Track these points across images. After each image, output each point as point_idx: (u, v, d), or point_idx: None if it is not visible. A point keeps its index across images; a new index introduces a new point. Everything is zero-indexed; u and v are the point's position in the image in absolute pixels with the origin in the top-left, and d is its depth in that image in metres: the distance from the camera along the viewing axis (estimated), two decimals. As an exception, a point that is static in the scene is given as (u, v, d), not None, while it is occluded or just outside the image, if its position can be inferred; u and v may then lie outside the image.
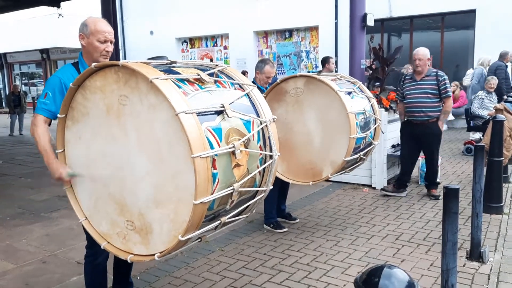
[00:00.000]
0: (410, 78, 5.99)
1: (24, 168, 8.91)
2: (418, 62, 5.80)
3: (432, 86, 5.78)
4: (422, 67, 5.81)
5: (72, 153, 2.65)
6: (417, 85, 5.85)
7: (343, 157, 4.31)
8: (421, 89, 5.82)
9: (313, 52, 17.10)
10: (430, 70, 5.86)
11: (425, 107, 5.80)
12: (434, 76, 5.81)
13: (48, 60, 27.72)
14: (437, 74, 5.82)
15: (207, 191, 2.16)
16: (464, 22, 14.45)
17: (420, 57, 5.78)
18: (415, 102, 5.84)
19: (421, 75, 5.86)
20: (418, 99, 5.82)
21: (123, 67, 2.24)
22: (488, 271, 3.85)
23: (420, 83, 5.84)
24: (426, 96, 5.78)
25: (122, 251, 2.55)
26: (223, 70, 2.65)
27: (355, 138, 4.28)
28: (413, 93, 5.87)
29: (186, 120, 2.08)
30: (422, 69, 5.83)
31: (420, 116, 5.85)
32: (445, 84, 5.76)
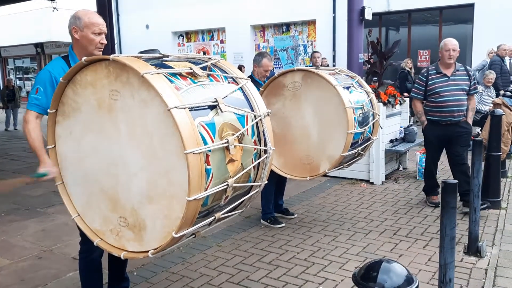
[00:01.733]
0: (439, 73, 5.16)
1: (19, 163, 8.87)
2: (453, 53, 5.03)
3: (465, 82, 5.13)
4: (455, 59, 5.11)
5: (63, 148, 2.61)
6: (451, 81, 5.09)
7: (341, 152, 4.28)
8: (456, 85, 5.09)
9: (310, 46, 17.04)
10: (457, 64, 5.18)
11: (462, 105, 5.11)
12: (465, 71, 5.19)
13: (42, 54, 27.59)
14: (467, 68, 5.24)
15: (200, 187, 2.13)
16: (462, 16, 14.41)
17: (455, 47, 5.03)
18: (453, 101, 5.05)
19: (451, 69, 5.13)
20: (455, 96, 5.06)
21: (113, 62, 2.20)
22: (486, 265, 3.85)
23: (454, 78, 5.10)
24: (462, 93, 5.10)
25: (116, 248, 2.52)
26: (216, 64, 2.60)
27: (352, 133, 4.24)
28: (447, 90, 5.07)
29: (178, 116, 2.04)
30: (453, 62, 5.13)
31: (458, 116, 5.11)
32: (475, 80, 5.28)
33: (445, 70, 5.12)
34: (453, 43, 5.02)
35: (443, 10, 14.42)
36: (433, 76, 5.16)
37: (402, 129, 7.26)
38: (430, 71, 5.22)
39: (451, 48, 5.00)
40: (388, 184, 6.56)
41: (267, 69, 4.77)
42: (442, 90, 5.07)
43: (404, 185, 6.48)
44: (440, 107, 5.11)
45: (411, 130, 7.25)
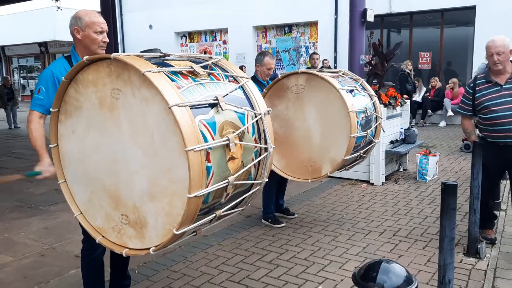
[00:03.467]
0: (489, 82, 4.08)
1: (22, 161, 8.91)
2: (498, 57, 3.95)
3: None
4: (505, 63, 3.99)
5: (65, 147, 2.64)
6: (504, 91, 3.99)
7: (343, 156, 4.29)
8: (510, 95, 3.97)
9: (312, 47, 17.06)
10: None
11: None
12: None
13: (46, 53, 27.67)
14: None
15: (201, 184, 2.15)
16: (464, 18, 14.41)
17: (501, 49, 3.95)
18: (509, 117, 3.92)
19: (505, 75, 4.03)
20: (507, 111, 3.93)
21: (115, 60, 2.22)
22: (485, 267, 3.87)
23: (509, 87, 3.99)
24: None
25: (117, 245, 2.54)
26: (217, 63, 2.63)
27: (355, 137, 4.26)
28: (500, 102, 3.97)
29: (179, 113, 2.06)
30: (504, 67, 4.01)
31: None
32: None
33: (496, 77, 4.05)
34: (496, 45, 3.94)
35: (445, 12, 14.43)
36: (482, 86, 4.10)
37: (403, 131, 7.28)
38: (478, 80, 4.16)
39: (494, 52, 3.94)
40: (388, 185, 6.58)
41: (269, 67, 4.79)
42: (492, 103, 3.99)
43: (404, 186, 6.50)
44: (493, 125, 4.02)
45: (412, 132, 7.27)
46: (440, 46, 14.68)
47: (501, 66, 3.97)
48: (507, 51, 3.94)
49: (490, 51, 3.98)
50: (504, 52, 3.92)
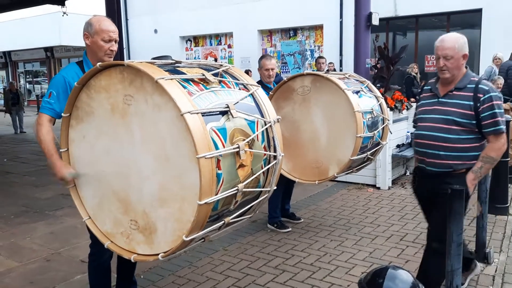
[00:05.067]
0: (430, 91, 3.28)
1: (28, 166, 8.94)
2: (445, 62, 3.05)
3: (463, 110, 3.04)
4: (452, 70, 3.07)
5: (76, 152, 2.65)
6: (438, 106, 3.15)
7: (350, 156, 4.29)
8: (443, 113, 3.11)
9: (317, 51, 17.06)
10: (467, 78, 3.11)
11: (444, 148, 3.08)
12: (472, 91, 3.04)
13: (52, 58, 27.83)
14: (478, 87, 3.03)
15: (211, 191, 2.15)
16: (470, 21, 14.38)
17: (449, 52, 3.03)
18: (427, 137, 3.17)
19: (449, 86, 3.14)
20: (432, 131, 3.13)
21: (128, 67, 2.24)
22: (493, 272, 3.85)
23: (444, 101, 3.13)
24: (447, 129, 3.06)
25: (126, 251, 2.55)
26: (228, 70, 2.64)
27: (361, 137, 4.26)
28: (428, 119, 3.19)
29: (191, 120, 2.08)
30: (452, 75, 3.08)
31: (433, 162, 3.15)
32: (492, 109, 2.97)
33: (441, 86, 3.20)
34: (444, 47, 3.04)
35: (451, 15, 14.41)
36: (424, 94, 3.35)
37: (409, 134, 7.26)
38: (426, 86, 3.40)
39: (440, 56, 3.06)
40: (395, 189, 6.56)
41: (266, 68, 4.79)
42: (422, 117, 3.27)
43: (411, 190, 6.45)
44: (416, 144, 3.32)
45: (418, 136, 7.23)
46: (446, 49, 14.65)
47: (449, 75, 3.05)
48: (458, 56, 3.01)
49: (437, 53, 3.09)
50: (453, 57, 3.01)
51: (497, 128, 2.98)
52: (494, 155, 3.04)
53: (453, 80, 3.11)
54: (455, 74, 3.08)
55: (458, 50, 3.04)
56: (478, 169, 3.06)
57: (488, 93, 2.99)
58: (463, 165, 3.07)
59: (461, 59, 3.06)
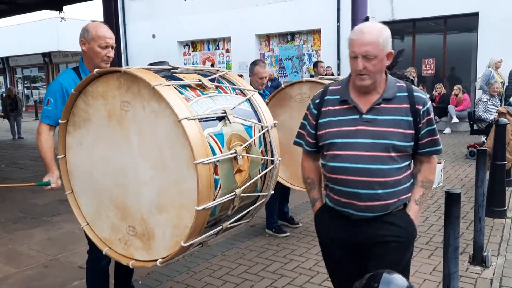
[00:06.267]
0: (342, 103, 2.25)
1: (26, 172, 8.92)
2: (365, 64, 2.10)
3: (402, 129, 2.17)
4: (375, 75, 2.15)
5: (73, 158, 2.66)
6: (363, 125, 2.18)
7: None
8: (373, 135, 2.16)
9: (315, 55, 17.09)
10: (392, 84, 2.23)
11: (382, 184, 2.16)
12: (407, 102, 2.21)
13: (50, 63, 27.82)
14: (414, 96, 2.22)
15: (209, 197, 2.16)
16: (467, 25, 14.42)
17: (371, 49, 2.08)
18: (358, 172, 2.16)
19: (371, 96, 2.21)
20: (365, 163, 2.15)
21: (125, 73, 2.25)
22: (491, 275, 3.85)
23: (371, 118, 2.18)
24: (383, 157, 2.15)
25: (124, 257, 2.55)
26: (224, 75, 2.65)
27: None
28: (354, 145, 2.17)
29: (188, 127, 2.08)
30: (373, 81, 2.17)
31: (369, 206, 2.18)
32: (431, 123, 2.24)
33: (358, 97, 2.21)
34: (364, 41, 2.08)
35: (448, 19, 14.45)
36: (331, 107, 2.27)
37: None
38: (328, 94, 2.33)
39: (358, 53, 2.10)
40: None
41: (261, 76, 4.61)
42: (342, 142, 2.19)
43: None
44: (334, 181, 2.24)
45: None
46: (444, 53, 14.68)
47: (369, 81, 2.12)
48: (382, 55, 2.09)
49: (353, 51, 2.12)
50: (376, 56, 2.07)
51: (438, 148, 2.25)
52: (433, 177, 2.33)
53: (374, 88, 2.16)
54: (377, 80, 2.15)
55: (383, 46, 2.08)
56: (421, 198, 2.27)
57: (426, 103, 2.21)
58: (401, 201, 2.22)
59: (385, 60, 2.13)
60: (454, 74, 14.95)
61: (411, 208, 2.27)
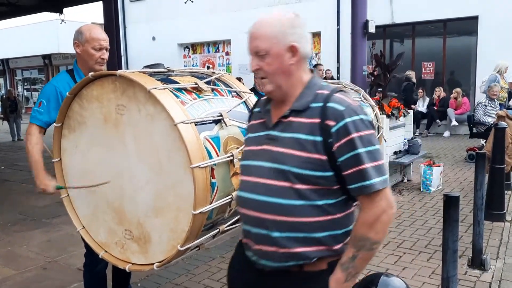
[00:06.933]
0: (260, 116, 1.80)
1: (25, 173, 8.92)
2: (258, 62, 1.66)
3: (304, 152, 1.58)
4: (274, 78, 1.65)
5: (69, 162, 2.65)
6: (267, 143, 1.67)
7: None
8: (273, 158, 1.63)
9: (315, 58, 17.10)
10: (309, 91, 1.66)
11: (279, 225, 1.61)
12: (318, 115, 1.59)
13: (50, 65, 27.87)
14: (327, 107, 1.58)
15: (206, 200, 2.16)
16: (467, 29, 14.43)
17: (261, 43, 1.65)
18: (250, 205, 1.68)
19: (283, 106, 1.69)
20: (259, 193, 1.65)
21: (120, 77, 2.24)
22: (490, 279, 3.84)
23: (276, 136, 1.66)
24: (282, 188, 1.60)
25: (121, 261, 2.54)
26: (220, 78, 2.65)
27: None
28: (251, 168, 1.70)
29: (184, 130, 2.08)
30: (277, 86, 1.66)
31: (263, 252, 1.67)
32: (353, 147, 1.54)
33: (274, 109, 1.73)
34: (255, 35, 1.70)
35: (447, 23, 14.46)
36: (253, 122, 1.85)
37: (406, 141, 7.27)
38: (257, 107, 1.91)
39: (251, 50, 1.72)
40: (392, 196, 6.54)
41: None
42: (243, 165, 1.80)
43: (408, 197, 6.48)
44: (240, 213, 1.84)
45: (415, 142, 7.26)
46: (443, 56, 14.69)
47: (271, 86, 1.67)
48: (277, 49, 1.64)
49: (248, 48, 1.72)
50: (268, 52, 1.64)
51: (367, 183, 1.55)
52: (371, 234, 1.57)
53: (287, 96, 1.68)
54: (282, 85, 1.65)
55: (279, 39, 1.62)
56: (349, 262, 1.61)
57: (343, 117, 1.55)
58: (317, 252, 1.63)
59: (286, 56, 1.63)
60: (454, 78, 14.95)
61: (334, 274, 1.63)
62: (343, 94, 1.65)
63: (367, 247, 1.59)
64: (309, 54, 1.71)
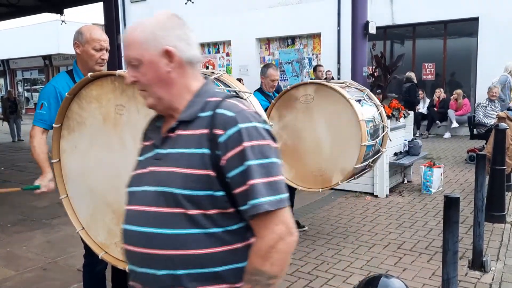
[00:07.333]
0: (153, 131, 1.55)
1: (25, 174, 8.92)
2: (133, 73, 1.43)
3: (190, 169, 1.33)
4: (153, 89, 1.42)
5: (68, 162, 2.64)
6: (153, 164, 1.43)
7: (354, 165, 4.33)
8: (157, 180, 1.38)
9: (315, 59, 17.11)
10: (198, 100, 1.43)
11: (167, 261, 1.35)
12: (207, 125, 1.35)
13: (50, 66, 27.90)
14: (216, 115, 1.35)
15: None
16: (467, 30, 14.44)
17: (132, 52, 1.41)
18: (132, 239, 1.42)
19: (171, 119, 1.46)
20: (141, 224, 1.40)
21: (119, 77, 2.24)
22: (490, 280, 3.83)
23: (163, 153, 1.42)
24: (169, 216, 1.34)
25: (121, 261, 2.53)
26: (219, 78, 2.64)
27: (365, 145, 4.29)
28: (135, 194, 1.46)
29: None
30: (157, 99, 1.44)
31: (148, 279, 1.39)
32: (243, 158, 1.30)
33: (165, 125, 1.50)
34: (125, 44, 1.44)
35: (448, 24, 14.46)
36: (145, 142, 1.61)
37: (407, 142, 7.27)
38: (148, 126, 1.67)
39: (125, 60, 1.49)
40: (393, 197, 6.55)
41: (273, 78, 4.80)
42: (128, 191, 1.52)
43: (409, 198, 6.47)
44: None
45: (415, 143, 7.26)
46: (444, 57, 14.69)
47: (152, 100, 1.46)
48: (148, 56, 1.40)
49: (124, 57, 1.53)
50: (141, 61, 1.41)
51: (253, 202, 1.29)
52: (266, 267, 1.31)
53: (171, 108, 1.45)
54: (163, 97, 1.43)
55: (150, 44, 1.39)
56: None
57: (233, 125, 1.32)
58: None
59: (162, 63, 1.39)
60: (454, 79, 14.95)
61: None
62: (237, 100, 1.43)
63: (263, 283, 1.31)
64: (194, 58, 1.46)
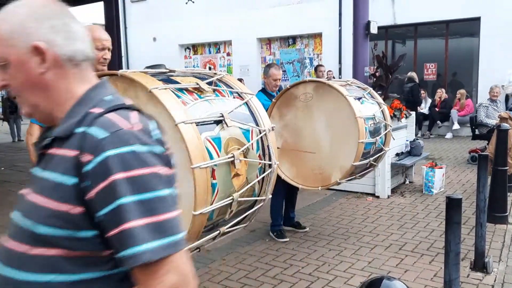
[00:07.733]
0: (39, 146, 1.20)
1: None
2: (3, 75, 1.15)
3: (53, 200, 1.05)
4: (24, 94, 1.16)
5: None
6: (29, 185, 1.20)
7: (352, 162, 4.31)
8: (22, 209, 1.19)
9: (316, 59, 17.10)
10: (78, 109, 1.11)
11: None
12: (77, 146, 1.04)
13: (52, 66, 27.89)
14: (86, 136, 1.04)
15: (206, 201, 2.14)
16: (469, 30, 14.42)
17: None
18: None
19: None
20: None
21: (121, 77, 2.23)
22: (492, 281, 3.82)
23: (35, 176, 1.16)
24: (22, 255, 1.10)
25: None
26: (222, 79, 2.64)
27: (363, 143, 4.29)
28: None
29: (185, 131, 2.07)
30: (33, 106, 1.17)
31: None
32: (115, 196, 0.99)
33: None
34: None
35: (449, 24, 14.44)
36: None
37: (408, 143, 7.25)
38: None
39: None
40: (394, 198, 6.53)
41: (275, 78, 4.81)
42: None
43: (410, 199, 6.45)
44: None
45: (417, 144, 7.24)
46: (445, 57, 14.67)
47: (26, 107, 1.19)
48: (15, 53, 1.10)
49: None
50: (7, 59, 1.12)
51: (129, 252, 0.99)
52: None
53: (51, 117, 1.19)
54: (38, 104, 1.17)
55: (17, 39, 1.11)
56: None
57: (102, 149, 1.02)
58: None
59: (32, 62, 1.12)
60: (456, 79, 14.93)
61: None
62: (122, 114, 1.07)
63: None
64: (79, 54, 1.14)
